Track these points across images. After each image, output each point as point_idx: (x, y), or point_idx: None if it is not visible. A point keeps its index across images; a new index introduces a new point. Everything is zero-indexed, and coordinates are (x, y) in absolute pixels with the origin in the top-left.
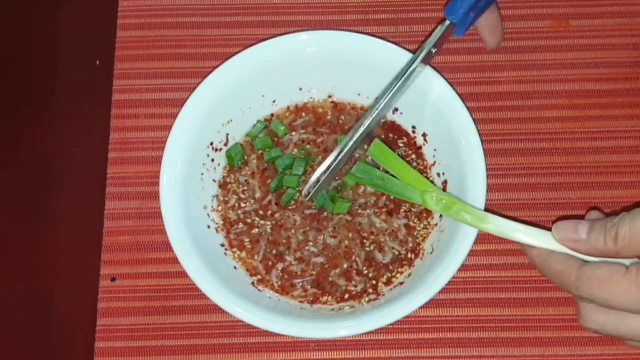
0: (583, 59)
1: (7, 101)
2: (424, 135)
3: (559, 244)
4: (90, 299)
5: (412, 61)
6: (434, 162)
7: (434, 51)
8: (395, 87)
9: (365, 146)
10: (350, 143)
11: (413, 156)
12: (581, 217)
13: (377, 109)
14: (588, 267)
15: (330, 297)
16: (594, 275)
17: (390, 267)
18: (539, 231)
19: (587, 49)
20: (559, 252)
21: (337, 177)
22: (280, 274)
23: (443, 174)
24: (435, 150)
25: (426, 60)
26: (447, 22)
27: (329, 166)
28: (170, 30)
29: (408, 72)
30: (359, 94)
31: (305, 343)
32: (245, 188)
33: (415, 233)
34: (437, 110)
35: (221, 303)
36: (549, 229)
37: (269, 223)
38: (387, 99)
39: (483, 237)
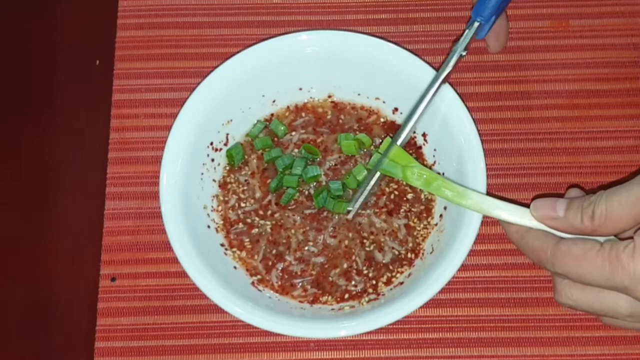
0: (583, 59)
1: (7, 101)
2: (424, 135)
3: (537, 221)
4: (90, 299)
5: (445, 66)
6: (434, 162)
7: (464, 54)
8: (431, 95)
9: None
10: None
11: (413, 156)
12: (562, 197)
13: (415, 118)
14: (563, 244)
15: (330, 297)
16: (569, 252)
17: (390, 267)
18: (518, 208)
19: (587, 49)
20: (536, 229)
21: (337, 178)
22: (280, 274)
23: (443, 174)
24: (435, 150)
25: (456, 65)
26: (476, 23)
27: (368, 188)
28: (170, 30)
29: (442, 78)
30: (359, 94)
31: (305, 343)
32: (245, 188)
33: (415, 233)
34: (437, 110)
35: (221, 303)
36: (529, 206)
37: (269, 223)
38: (423, 109)
39: (483, 237)
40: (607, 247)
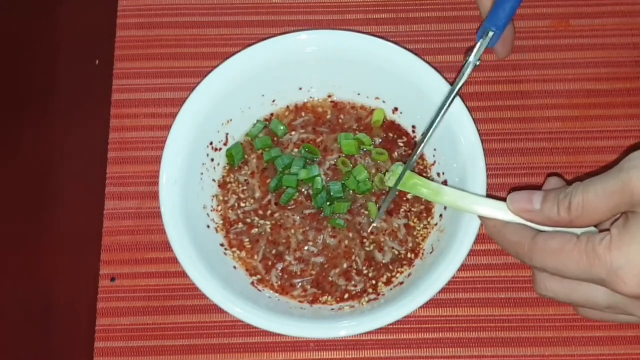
0: (583, 59)
1: (7, 101)
2: (424, 135)
3: (514, 215)
4: (90, 299)
5: (461, 77)
6: (434, 162)
7: (478, 64)
8: (448, 105)
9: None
10: (410, 167)
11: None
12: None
13: (433, 129)
14: (540, 238)
15: (330, 297)
16: (546, 246)
17: (390, 267)
18: (495, 203)
19: (587, 49)
20: (513, 223)
21: (337, 178)
22: (280, 274)
23: (443, 174)
24: (435, 150)
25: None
26: (491, 33)
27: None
28: (170, 30)
29: (458, 89)
30: (359, 94)
31: (305, 343)
32: (245, 188)
33: (415, 233)
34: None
35: (221, 303)
36: (506, 200)
37: (268, 223)
38: (440, 119)
39: (483, 237)
40: (583, 240)
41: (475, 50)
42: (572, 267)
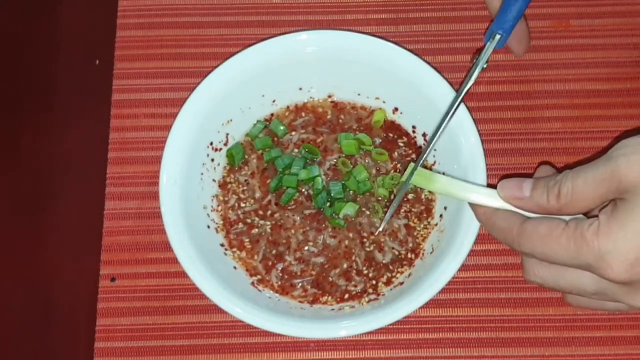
0: (583, 59)
1: (7, 101)
2: (424, 135)
3: (504, 201)
4: (90, 299)
5: (468, 80)
6: (434, 162)
7: (485, 67)
8: (455, 107)
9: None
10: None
11: (413, 156)
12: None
13: (442, 129)
14: (529, 224)
15: (330, 297)
16: (534, 232)
17: (390, 267)
18: (486, 190)
19: (587, 49)
20: (503, 210)
21: (337, 178)
22: (280, 274)
23: (443, 173)
24: (435, 150)
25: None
26: (498, 36)
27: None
28: (170, 30)
29: (464, 91)
30: (359, 94)
31: (305, 343)
32: (245, 188)
33: (415, 233)
34: (438, 110)
35: (221, 303)
36: (496, 187)
37: (268, 223)
38: (448, 120)
39: (483, 237)
40: (572, 226)
41: (483, 52)
42: (560, 252)
